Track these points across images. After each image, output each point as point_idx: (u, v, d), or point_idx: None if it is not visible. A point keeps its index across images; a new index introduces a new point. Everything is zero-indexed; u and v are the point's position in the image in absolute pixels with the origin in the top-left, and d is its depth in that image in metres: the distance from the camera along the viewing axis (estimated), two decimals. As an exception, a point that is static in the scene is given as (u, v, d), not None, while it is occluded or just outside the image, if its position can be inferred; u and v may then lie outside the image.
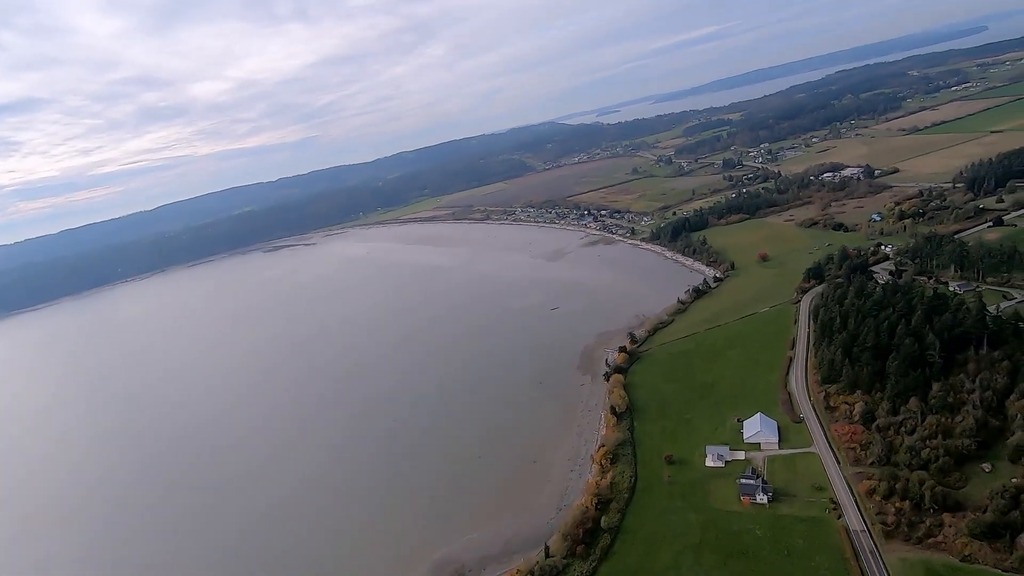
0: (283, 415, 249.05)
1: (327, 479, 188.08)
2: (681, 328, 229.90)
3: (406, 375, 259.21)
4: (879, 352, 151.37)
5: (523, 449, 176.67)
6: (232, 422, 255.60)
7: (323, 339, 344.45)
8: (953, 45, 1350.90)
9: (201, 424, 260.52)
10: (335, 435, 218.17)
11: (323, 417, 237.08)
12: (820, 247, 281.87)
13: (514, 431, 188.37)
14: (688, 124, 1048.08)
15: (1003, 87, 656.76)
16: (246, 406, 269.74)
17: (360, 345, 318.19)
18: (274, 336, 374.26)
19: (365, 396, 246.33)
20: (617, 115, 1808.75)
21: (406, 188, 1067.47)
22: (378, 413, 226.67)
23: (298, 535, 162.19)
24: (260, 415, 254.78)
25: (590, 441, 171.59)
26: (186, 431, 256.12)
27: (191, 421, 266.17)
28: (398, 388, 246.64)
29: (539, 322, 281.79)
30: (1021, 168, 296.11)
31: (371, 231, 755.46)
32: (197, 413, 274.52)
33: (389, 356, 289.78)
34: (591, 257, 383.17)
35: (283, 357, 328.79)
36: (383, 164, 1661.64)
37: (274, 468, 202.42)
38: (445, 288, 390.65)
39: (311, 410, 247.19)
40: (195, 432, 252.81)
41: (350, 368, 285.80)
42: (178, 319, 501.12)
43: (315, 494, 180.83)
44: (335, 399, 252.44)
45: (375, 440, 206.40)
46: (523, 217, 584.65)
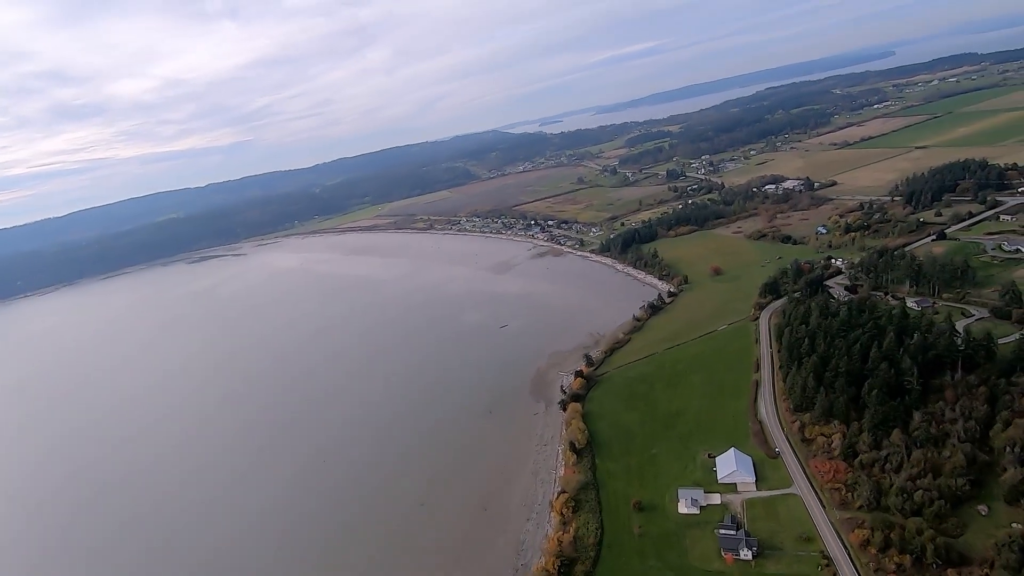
0: (186, 451, 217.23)
1: (233, 537, 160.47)
2: (639, 348, 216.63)
3: (335, 403, 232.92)
4: (853, 378, 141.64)
5: (472, 493, 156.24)
6: (126, 471, 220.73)
7: (242, 361, 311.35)
8: (868, 67, 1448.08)
9: (90, 467, 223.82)
10: (245, 477, 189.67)
11: (231, 453, 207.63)
12: (771, 260, 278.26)
13: (462, 471, 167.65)
14: (630, 135, 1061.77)
15: (919, 106, 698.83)
16: (138, 452, 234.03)
17: (284, 369, 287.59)
18: (184, 360, 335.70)
19: (286, 430, 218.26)
20: (560, 125, 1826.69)
21: (345, 195, 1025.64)
22: (303, 450, 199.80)
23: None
24: (152, 460, 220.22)
25: (547, 482, 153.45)
26: (74, 473, 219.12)
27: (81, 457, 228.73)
28: (327, 419, 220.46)
29: (487, 342, 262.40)
30: (953, 183, 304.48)
31: (307, 240, 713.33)
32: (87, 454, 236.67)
33: (316, 382, 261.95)
34: (540, 270, 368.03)
35: (192, 382, 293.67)
36: (322, 170, 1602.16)
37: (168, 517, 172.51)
38: (384, 303, 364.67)
39: (217, 445, 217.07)
40: (81, 475, 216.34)
41: (269, 396, 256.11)
42: (78, 340, 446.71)
43: (219, 557, 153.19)
44: (249, 429, 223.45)
45: (298, 484, 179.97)
46: (468, 227, 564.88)
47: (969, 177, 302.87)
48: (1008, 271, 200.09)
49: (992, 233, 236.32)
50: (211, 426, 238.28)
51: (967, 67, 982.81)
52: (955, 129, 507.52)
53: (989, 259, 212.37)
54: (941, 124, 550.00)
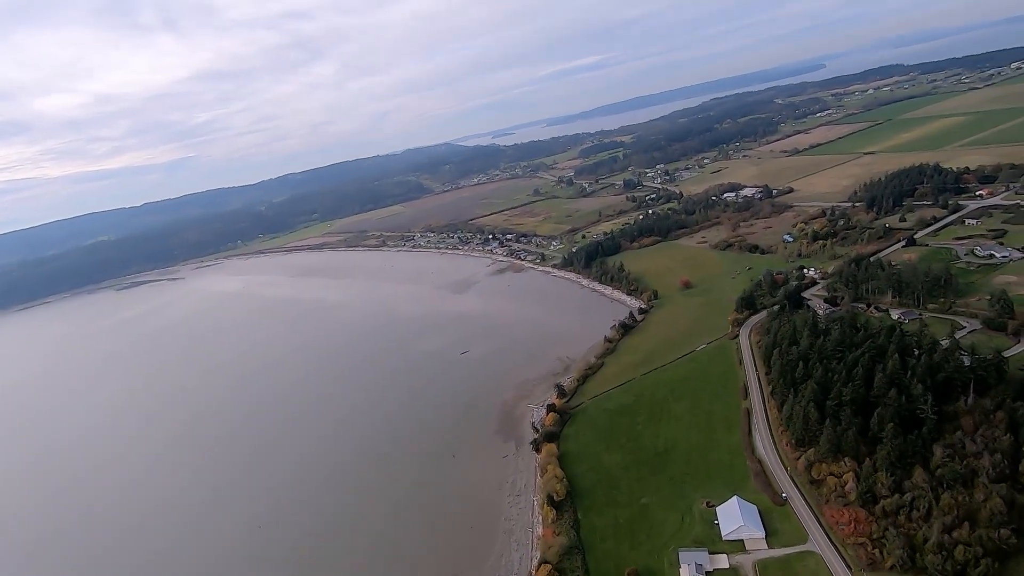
0: (108, 514, 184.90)
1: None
2: (614, 373, 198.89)
3: (268, 458, 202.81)
4: (859, 406, 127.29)
5: (435, 565, 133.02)
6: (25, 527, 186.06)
7: (168, 403, 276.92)
8: (804, 78, 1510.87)
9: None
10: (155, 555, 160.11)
11: (144, 526, 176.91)
12: (740, 271, 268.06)
13: (421, 535, 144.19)
14: (583, 146, 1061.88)
15: (859, 113, 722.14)
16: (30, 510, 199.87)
17: (214, 411, 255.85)
18: (95, 406, 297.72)
19: (215, 489, 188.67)
20: (512, 137, 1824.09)
21: (293, 212, 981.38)
22: (229, 516, 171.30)
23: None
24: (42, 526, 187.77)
25: (524, 544, 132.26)
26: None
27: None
28: (259, 474, 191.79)
29: (447, 371, 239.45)
30: (911, 188, 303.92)
31: (250, 262, 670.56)
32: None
33: (250, 426, 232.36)
34: (501, 287, 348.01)
35: (105, 431, 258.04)
36: (268, 187, 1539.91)
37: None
38: (332, 331, 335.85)
39: (132, 510, 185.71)
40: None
41: (195, 444, 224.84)
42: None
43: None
44: (165, 491, 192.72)
45: (222, 561, 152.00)
46: (423, 243, 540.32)
47: (927, 182, 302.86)
48: (987, 277, 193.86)
49: (961, 238, 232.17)
50: (134, 487, 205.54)
51: (897, 77, 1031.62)
52: (897, 135, 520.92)
53: (965, 265, 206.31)
54: (883, 131, 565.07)
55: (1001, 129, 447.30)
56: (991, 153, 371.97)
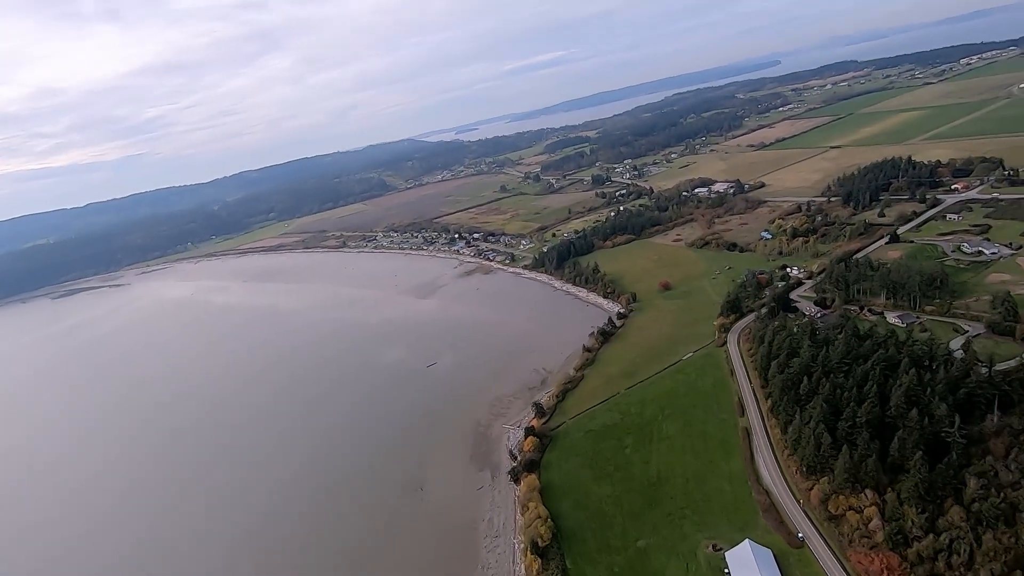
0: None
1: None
2: (595, 387, 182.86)
3: (203, 490, 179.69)
4: (876, 429, 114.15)
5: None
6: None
7: (93, 429, 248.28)
8: (761, 74, 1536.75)
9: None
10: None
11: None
12: (720, 270, 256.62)
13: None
14: (548, 141, 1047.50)
15: (820, 108, 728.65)
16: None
17: (139, 446, 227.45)
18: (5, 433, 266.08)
19: (139, 542, 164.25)
20: (476, 132, 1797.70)
21: (248, 212, 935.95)
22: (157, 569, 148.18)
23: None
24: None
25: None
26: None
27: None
28: (197, 517, 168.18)
29: (412, 387, 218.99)
30: (886, 182, 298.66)
31: (201, 266, 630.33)
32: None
33: (172, 456, 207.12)
34: (469, 291, 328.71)
35: (16, 462, 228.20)
36: (222, 185, 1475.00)
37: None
38: (286, 342, 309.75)
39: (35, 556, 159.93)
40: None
41: (106, 490, 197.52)
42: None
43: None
44: (70, 545, 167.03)
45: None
46: (386, 243, 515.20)
47: (902, 176, 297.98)
48: (979, 276, 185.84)
49: (944, 234, 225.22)
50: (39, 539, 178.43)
51: (852, 73, 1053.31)
52: (860, 129, 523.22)
53: (954, 263, 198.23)
54: (846, 125, 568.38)
55: (959, 123, 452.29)
56: (954, 147, 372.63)
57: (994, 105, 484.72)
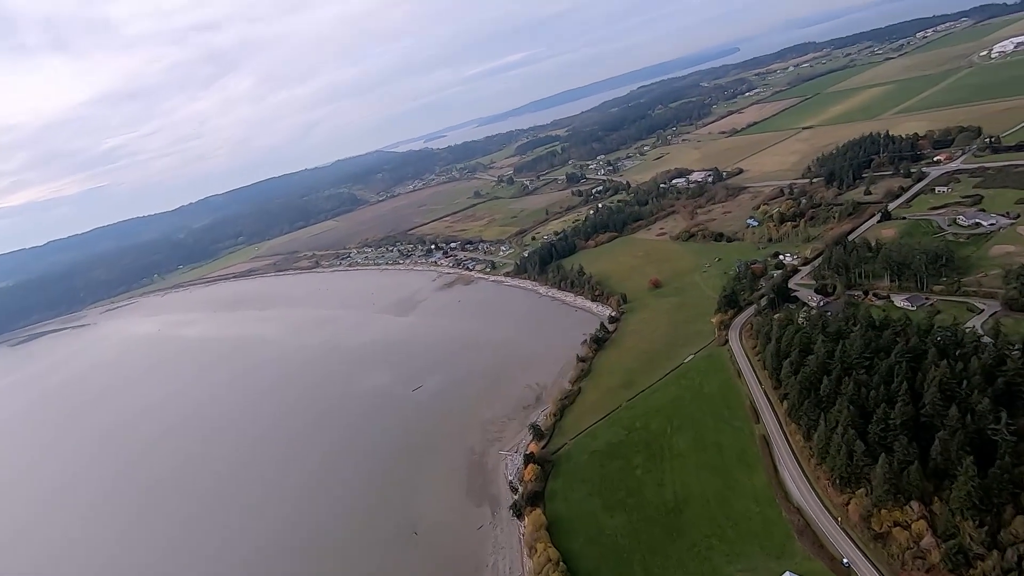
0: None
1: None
2: (594, 401, 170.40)
3: (175, 541, 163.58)
4: (912, 430, 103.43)
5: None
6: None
7: (58, 490, 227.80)
8: (723, 61, 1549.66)
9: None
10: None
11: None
12: (710, 263, 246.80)
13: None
14: (519, 143, 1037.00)
15: (787, 90, 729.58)
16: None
17: (111, 495, 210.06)
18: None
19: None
20: (445, 139, 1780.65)
21: (216, 237, 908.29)
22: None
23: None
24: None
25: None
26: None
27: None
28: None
29: (397, 415, 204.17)
30: (867, 158, 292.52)
31: (168, 298, 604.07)
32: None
33: (154, 515, 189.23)
34: (450, 304, 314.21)
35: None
36: (187, 212, 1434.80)
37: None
38: (260, 373, 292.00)
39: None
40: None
41: (68, 546, 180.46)
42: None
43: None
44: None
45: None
46: (360, 259, 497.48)
47: (882, 151, 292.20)
48: (981, 249, 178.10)
49: (936, 208, 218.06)
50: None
51: (813, 54, 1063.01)
52: (829, 108, 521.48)
53: (952, 237, 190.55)
54: (814, 105, 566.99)
55: (927, 95, 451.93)
56: (927, 118, 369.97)
57: (958, 75, 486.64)
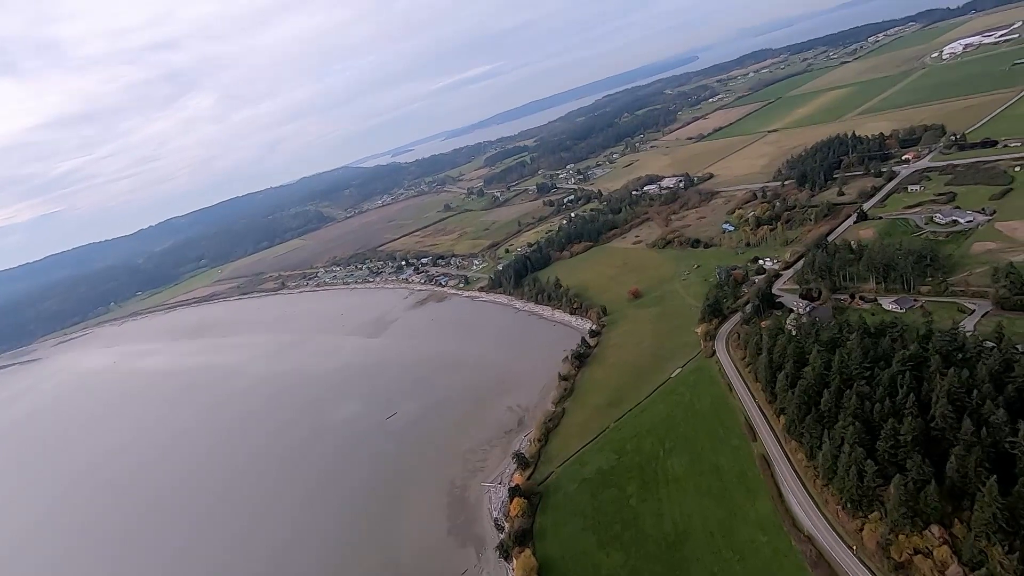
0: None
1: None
2: (581, 423, 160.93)
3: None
4: (923, 446, 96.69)
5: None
6: None
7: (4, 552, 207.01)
8: (684, 69, 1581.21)
9: None
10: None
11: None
12: (689, 270, 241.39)
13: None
14: (487, 154, 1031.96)
15: (749, 95, 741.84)
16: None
17: (58, 543, 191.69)
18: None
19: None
20: (413, 153, 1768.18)
21: (177, 261, 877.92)
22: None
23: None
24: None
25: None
26: None
27: None
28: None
29: (371, 447, 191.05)
30: (836, 159, 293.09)
31: (125, 327, 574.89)
32: None
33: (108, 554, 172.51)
34: (423, 323, 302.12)
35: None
36: (147, 235, 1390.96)
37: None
38: (221, 405, 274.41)
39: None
40: None
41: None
42: None
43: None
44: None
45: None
46: (328, 279, 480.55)
47: (851, 152, 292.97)
48: (962, 247, 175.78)
49: (911, 206, 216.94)
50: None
51: (771, 60, 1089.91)
52: (792, 111, 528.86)
53: (931, 236, 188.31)
54: (778, 108, 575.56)
55: (887, 96, 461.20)
56: (890, 118, 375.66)
57: (914, 76, 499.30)
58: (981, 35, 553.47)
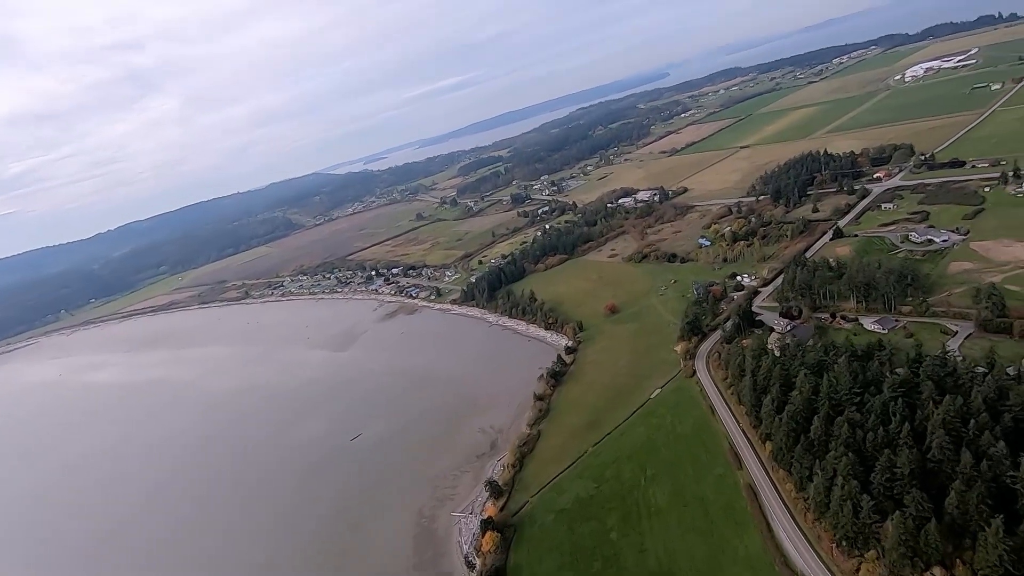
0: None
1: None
2: (557, 447, 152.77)
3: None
4: (922, 478, 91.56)
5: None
6: None
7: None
8: (655, 85, 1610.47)
9: None
10: None
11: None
12: (666, 285, 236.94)
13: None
14: (461, 164, 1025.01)
15: (720, 111, 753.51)
16: None
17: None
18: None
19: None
20: (385, 161, 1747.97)
21: (135, 267, 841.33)
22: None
23: None
24: None
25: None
26: None
27: None
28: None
29: (334, 471, 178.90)
30: (810, 176, 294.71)
31: (76, 336, 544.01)
32: None
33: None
34: (393, 336, 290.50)
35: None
36: (105, 240, 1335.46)
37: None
38: (174, 424, 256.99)
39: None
40: None
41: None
42: None
43: None
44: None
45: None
46: (294, 288, 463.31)
47: (824, 169, 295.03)
48: (939, 267, 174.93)
49: (886, 224, 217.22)
50: None
51: (740, 78, 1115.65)
52: (764, 128, 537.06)
53: (907, 254, 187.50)
54: (750, 124, 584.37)
55: (855, 115, 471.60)
56: (859, 137, 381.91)
57: (879, 96, 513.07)
58: (941, 59, 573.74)
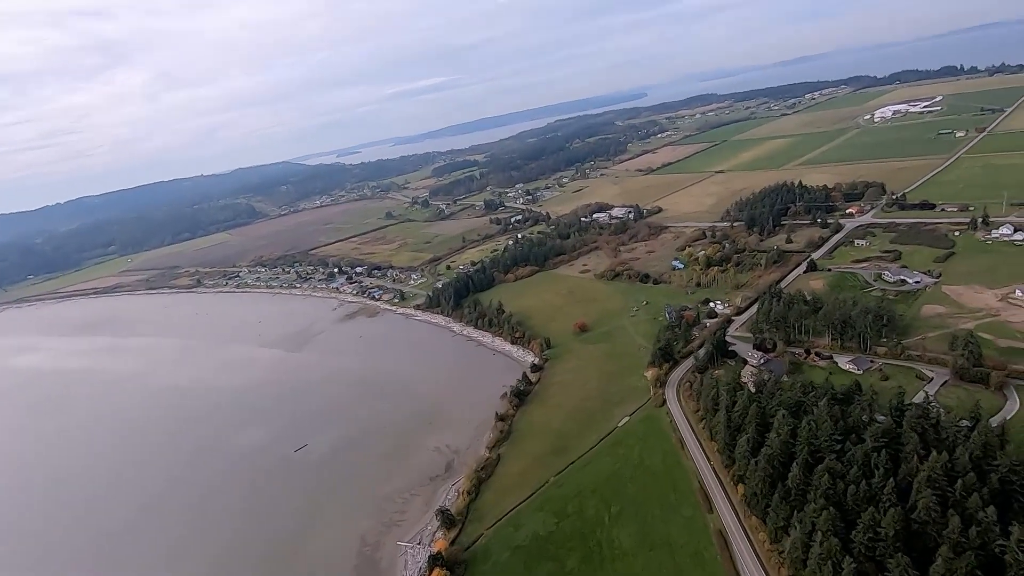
0: None
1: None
2: (517, 474, 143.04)
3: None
4: (905, 538, 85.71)
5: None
6: None
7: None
8: (634, 104, 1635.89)
9: None
10: None
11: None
12: (638, 306, 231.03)
13: None
14: (435, 165, 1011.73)
15: (695, 135, 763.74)
16: None
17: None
18: None
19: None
20: (359, 156, 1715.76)
21: (82, 245, 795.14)
22: None
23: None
24: None
25: None
26: None
27: None
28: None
29: (275, 482, 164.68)
30: (784, 207, 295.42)
31: (7, 314, 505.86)
32: None
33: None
34: (350, 340, 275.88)
35: None
36: (52, 213, 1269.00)
37: None
38: (101, 420, 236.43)
39: None
40: None
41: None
42: None
43: None
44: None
45: None
46: (251, 280, 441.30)
47: (798, 200, 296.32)
48: (912, 308, 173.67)
49: (859, 261, 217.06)
50: None
51: (716, 104, 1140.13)
52: (738, 154, 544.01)
53: (880, 294, 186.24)
54: (724, 150, 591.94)
55: (825, 150, 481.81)
56: (829, 171, 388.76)
57: (849, 134, 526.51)
58: (908, 103, 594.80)
